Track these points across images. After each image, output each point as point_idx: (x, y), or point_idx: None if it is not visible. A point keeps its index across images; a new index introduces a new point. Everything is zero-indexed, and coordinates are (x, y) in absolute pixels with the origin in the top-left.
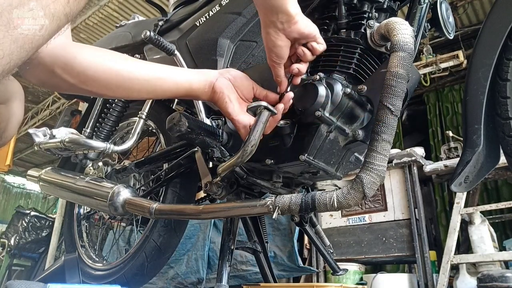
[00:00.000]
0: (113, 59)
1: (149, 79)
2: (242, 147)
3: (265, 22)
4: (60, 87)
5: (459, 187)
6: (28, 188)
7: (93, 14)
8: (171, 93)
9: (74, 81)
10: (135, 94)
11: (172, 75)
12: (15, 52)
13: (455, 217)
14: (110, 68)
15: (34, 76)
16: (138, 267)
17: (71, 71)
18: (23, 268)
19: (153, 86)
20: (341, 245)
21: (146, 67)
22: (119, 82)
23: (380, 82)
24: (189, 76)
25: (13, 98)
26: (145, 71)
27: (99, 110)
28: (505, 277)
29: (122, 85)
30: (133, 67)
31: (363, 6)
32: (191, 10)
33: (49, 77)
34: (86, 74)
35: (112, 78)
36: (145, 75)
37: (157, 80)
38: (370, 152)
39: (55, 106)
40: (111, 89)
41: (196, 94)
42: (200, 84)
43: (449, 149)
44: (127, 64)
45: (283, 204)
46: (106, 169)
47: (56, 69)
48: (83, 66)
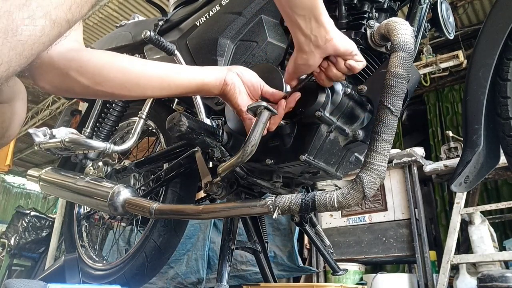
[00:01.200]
0: (125, 59)
1: (162, 75)
2: (242, 147)
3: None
4: (74, 91)
5: (459, 187)
6: (28, 188)
7: (93, 14)
8: (183, 89)
9: (89, 83)
10: (149, 92)
11: (184, 71)
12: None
13: (455, 217)
14: (124, 68)
15: (47, 81)
16: (138, 267)
17: (85, 73)
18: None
19: (167, 82)
20: (341, 245)
21: (158, 65)
22: (134, 80)
23: (380, 82)
24: (201, 71)
25: (16, 97)
26: (158, 68)
27: (99, 110)
28: (505, 277)
29: (137, 84)
30: (145, 65)
31: (363, 6)
32: (191, 10)
33: (62, 80)
34: (101, 74)
35: (127, 77)
36: (158, 72)
37: (170, 76)
38: (370, 152)
39: (55, 106)
40: (126, 88)
41: (208, 88)
42: (212, 78)
43: (449, 149)
44: (139, 63)
45: (283, 204)
46: (106, 169)
47: (71, 72)
48: (98, 67)
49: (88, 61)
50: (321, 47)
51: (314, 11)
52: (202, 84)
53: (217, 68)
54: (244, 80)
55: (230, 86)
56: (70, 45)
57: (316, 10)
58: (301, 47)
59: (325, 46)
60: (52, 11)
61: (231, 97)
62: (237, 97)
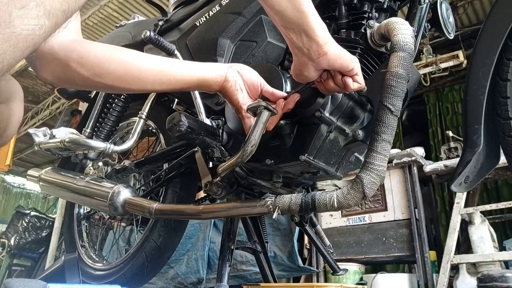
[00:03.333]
0: (126, 52)
1: (162, 70)
2: (242, 147)
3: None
4: (75, 81)
5: (459, 187)
6: (28, 188)
7: (93, 14)
8: (184, 83)
9: (89, 74)
10: (149, 86)
11: (185, 66)
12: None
13: (455, 217)
14: (125, 61)
15: (49, 72)
16: (138, 267)
17: (86, 64)
18: (23, 268)
19: (167, 77)
20: (341, 245)
21: (158, 59)
22: (134, 74)
23: (380, 82)
24: (201, 67)
25: (13, 97)
26: (158, 63)
27: (99, 110)
28: (505, 277)
29: (137, 77)
30: (146, 59)
31: (363, 6)
32: (191, 10)
33: (63, 71)
34: (102, 66)
35: (127, 70)
36: (158, 66)
37: (170, 71)
38: (370, 152)
39: (55, 106)
40: (126, 81)
41: (209, 84)
42: (212, 74)
43: (449, 149)
44: (140, 57)
45: (283, 204)
46: (106, 169)
47: (71, 63)
48: (99, 59)
49: (89, 52)
50: (314, 61)
51: (304, 27)
52: (203, 79)
53: (218, 64)
54: (245, 78)
55: (231, 82)
56: (72, 36)
57: (306, 26)
58: (296, 57)
59: (318, 60)
60: (47, 2)
61: (231, 94)
62: (237, 94)
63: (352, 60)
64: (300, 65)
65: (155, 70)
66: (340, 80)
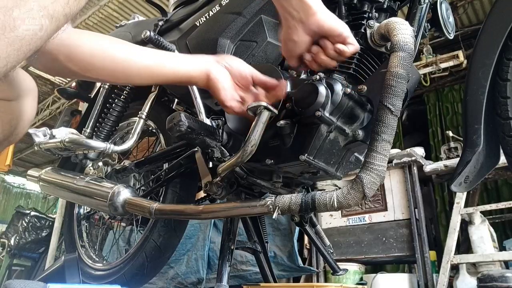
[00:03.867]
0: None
1: (150, 66)
2: (242, 147)
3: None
4: (64, 74)
5: (459, 187)
6: (28, 188)
7: (93, 14)
8: (172, 79)
9: (77, 69)
10: (137, 80)
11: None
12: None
13: (455, 217)
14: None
15: (40, 63)
16: (138, 267)
17: (74, 60)
18: (23, 268)
19: (156, 73)
20: (341, 245)
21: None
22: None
23: (380, 82)
24: (187, 63)
25: (25, 95)
26: (147, 58)
27: (99, 110)
28: (505, 277)
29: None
30: (135, 55)
31: (363, 6)
32: (191, 10)
33: (53, 64)
34: (90, 62)
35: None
36: (147, 62)
37: (158, 67)
38: (370, 152)
39: (55, 106)
40: (114, 76)
41: (195, 81)
42: (197, 71)
43: (449, 149)
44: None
45: (283, 204)
46: (106, 169)
47: (60, 56)
48: (87, 55)
49: (77, 47)
50: (304, 22)
51: None
52: (189, 76)
53: (204, 59)
54: (232, 71)
55: (213, 81)
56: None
57: None
58: (285, 21)
59: (307, 21)
60: (50, 6)
61: (215, 92)
62: (220, 92)
63: (343, 24)
64: (289, 29)
65: (143, 66)
66: (331, 49)
